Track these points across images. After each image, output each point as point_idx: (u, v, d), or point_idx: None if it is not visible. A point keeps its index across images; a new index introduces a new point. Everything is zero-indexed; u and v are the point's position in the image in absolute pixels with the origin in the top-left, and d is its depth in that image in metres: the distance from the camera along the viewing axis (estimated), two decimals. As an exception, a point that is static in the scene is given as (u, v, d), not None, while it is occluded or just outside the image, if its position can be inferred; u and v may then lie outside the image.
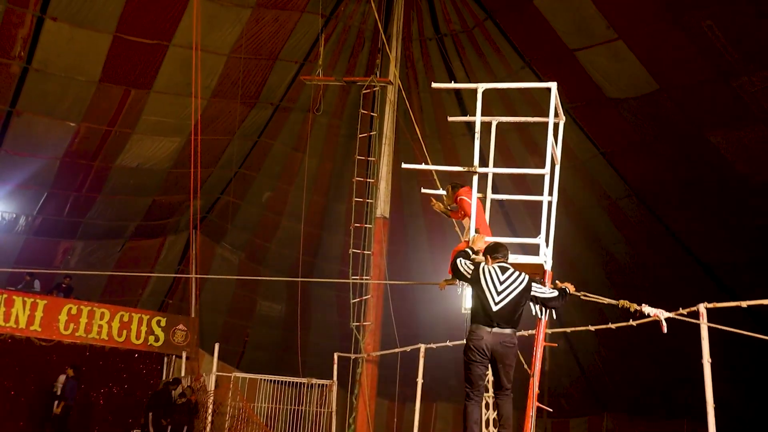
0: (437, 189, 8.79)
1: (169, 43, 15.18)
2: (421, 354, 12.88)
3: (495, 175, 6.83)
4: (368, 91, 15.91)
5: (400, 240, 17.79)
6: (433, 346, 12.80)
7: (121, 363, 17.80)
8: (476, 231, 6.81)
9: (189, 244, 19.69)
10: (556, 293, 6.21)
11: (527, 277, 6.12)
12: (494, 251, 6.23)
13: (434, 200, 8.04)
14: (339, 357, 15.74)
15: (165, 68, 15.59)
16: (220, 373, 16.13)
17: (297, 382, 15.97)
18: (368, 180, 15.96)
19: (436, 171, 10.32)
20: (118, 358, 17.89)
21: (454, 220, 8.35)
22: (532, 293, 6.10)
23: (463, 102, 16.53)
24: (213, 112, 16.99)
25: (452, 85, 7.19)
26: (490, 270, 6.11)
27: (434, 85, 6.96)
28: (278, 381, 16.23)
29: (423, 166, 7.47)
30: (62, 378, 16.50)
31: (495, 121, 6.89)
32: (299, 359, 15.95)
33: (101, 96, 15.80)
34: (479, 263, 6.20)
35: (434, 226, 17.61)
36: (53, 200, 18.10)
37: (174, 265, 20.71)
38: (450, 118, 7.29)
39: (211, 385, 15.88)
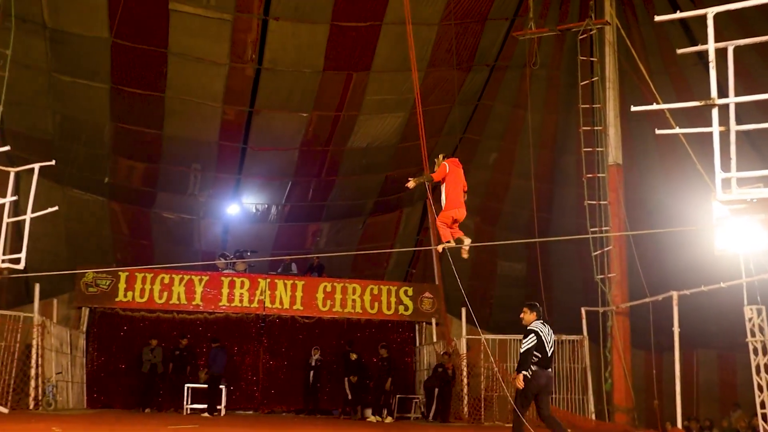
0: (673, 128, 8.30)
1: (382, 23, 15.62)
2: (675, 301, 12.39)
3: (738, 104, 6.28)
4: (584, 36, 15.33)
5: (636, 186, 17.00)
6: (687, 292, 12.23)
7: (377, 333, 18.79)
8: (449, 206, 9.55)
9: (425, 213, 20.25)
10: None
11: None
12: (537, 310, 8.49)
13: (411, 180, 9.96)
14: (587, 311, 15.48)
15: (381, 48, 16.07)
16: (470, 337, 16.49)
17: (547, 340, 15.89)
18: (596, 128, 15.44)
19: (669, 109, 9.71)
20: (373, 329, 18.92)
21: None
22: None
23: (690, 30, 15.36)
24: (431, 82, 17.26)
25: (677, 15, 6.65)
26: (541, 326, 8.29)
27: (657, 18, 6.51)
28: (527, 339, 16.25)
29: (654, 106, 7.03)
30: (315, 352, 17.86)
31: (731, 45, 6.31)
32: (546, 316, 15.84)
33: (326, 84, 16.66)
34: (533, 328, 8.25)
35: (672, 167, 16.60)
36: (297, 188, 19.49)
37: (413, 235, 21.41)
38: (679, 51, 6.81)
39: (463, 349, 16.29)
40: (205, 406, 16.17)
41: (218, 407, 16.34)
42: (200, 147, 17.86)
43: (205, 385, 16.54)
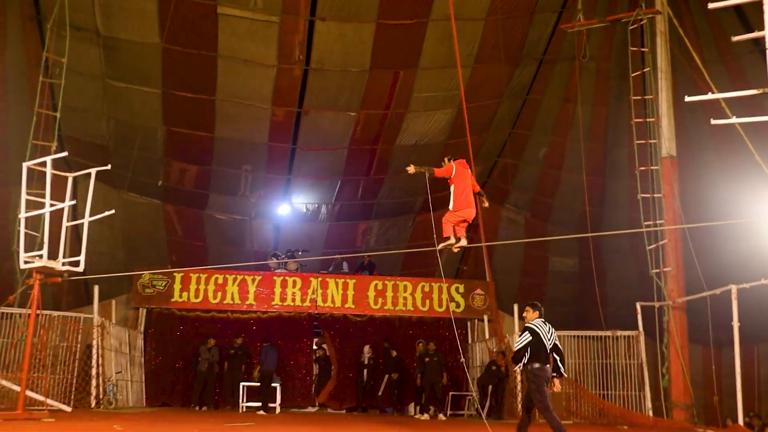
0: (728, 118, 8.11)
1: (428, 19, 15.59)
2: (734, 295, 12.14)
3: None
4: (635, 26, 15.09)
5: (691, 178, 16.65)
6: (746, 285, 11.95)
7: (428, 331, 18.77)
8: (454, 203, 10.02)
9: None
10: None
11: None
12: (539, 308, 8.94)
13: (412, 165, 10.21)
14: (642, 306, 15.22)
15: (427, 44, 16.04)
16: (523, 333, 16.32)
17: (601, 336, 15.72)
18: (648, 120, 15.17)
19: (724, 98, 9.49)
20: (425, 327, 18.90)
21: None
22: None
23: (745, 16, 14.99)
24: (479, 78, 17.16)
25: (731, 1, 6.50)
26: (540, 325, 8.74)
27: (711, 5, 6.38)
28: (581, 336, 16.09)
29: (709, 96, 6.90)
30: (367, 348, 17.96)
31: (788, 31, 6.15)
32: (600, 312, 15.67)
33: (374, 82, 16.70)
34: (529, 325, 8.75)
35: (728, 158, 16.21)
36: (347, 187, 19.58)
37: (463, 232, 21.30)
38: (734, 38, 6.66)
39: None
40: (260, 404, 16.37)
41: (272, 405, 16.52)
42: (251, 148, 18.07)
43: (258, 383, 16.75)
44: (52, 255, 11.01)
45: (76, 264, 11.25)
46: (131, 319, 17.86)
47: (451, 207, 10.12)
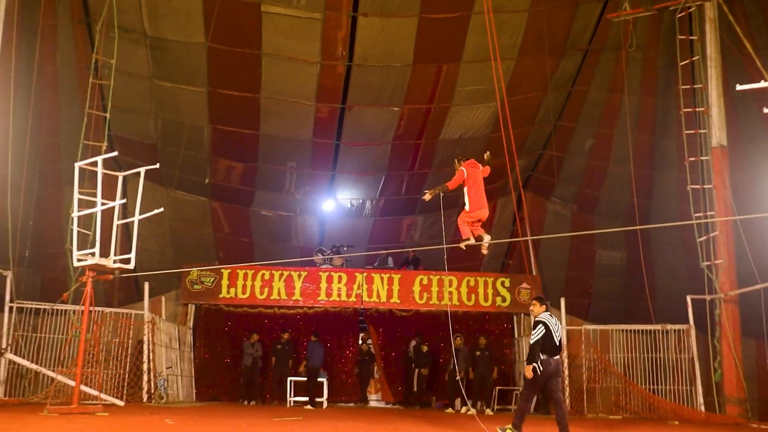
0: (781, 106, 7.93)
1: (471, 12, 15.50)
2: (789, 288, 11.86)
3: None
4: (683, 14, 14.80)
5: (742, 168, 16.27)
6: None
7: (474, 325, 18.73)
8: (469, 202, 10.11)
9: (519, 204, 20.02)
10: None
11: None
12: (545, 302, 9.41)
13: (427, 192, 10.18)
14: (693, 300, 14.95)
15: (470, 38, 15.95)
16: (570, 327, 16.21)
17: (651, 330, 15.47)
18: (697, 109, 14.89)
19: (777, 86, 9.25)
20: (471, 321, 18.86)
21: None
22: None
23: (799, 1, 14.62)
24: (522, 70, 17.01)
25: (783, -14, 6.38)
26: (548, 317, 9.11)
27: (761, -8, 6.23)
28: (630, 330, 15.88)
29: (761, 84, 6.76)
30: (413, 342, 18.06)
31: (844, 16, 5.96)
32: (649, 306, 15.43)
33: (417, 77, 16.68)
34: (540, 319, 9.08)
35: (783, 146, 15.83)
36: (391, 182, 19.60)
37: (508, 226, 21.15)
38: (786, 25, 6.50)
39: (564, 340, 16.02)
40: (307, 398, 16.50)
41: (318, 399, 16.65)
42: (295, 145, 18.20)
43: (305, 378, 16.89)
44: (104, 253, 11.23)
45: (127, 261, 11.46)
46: (180, 315, 18.13)
47: (467, 208, 10.32)
